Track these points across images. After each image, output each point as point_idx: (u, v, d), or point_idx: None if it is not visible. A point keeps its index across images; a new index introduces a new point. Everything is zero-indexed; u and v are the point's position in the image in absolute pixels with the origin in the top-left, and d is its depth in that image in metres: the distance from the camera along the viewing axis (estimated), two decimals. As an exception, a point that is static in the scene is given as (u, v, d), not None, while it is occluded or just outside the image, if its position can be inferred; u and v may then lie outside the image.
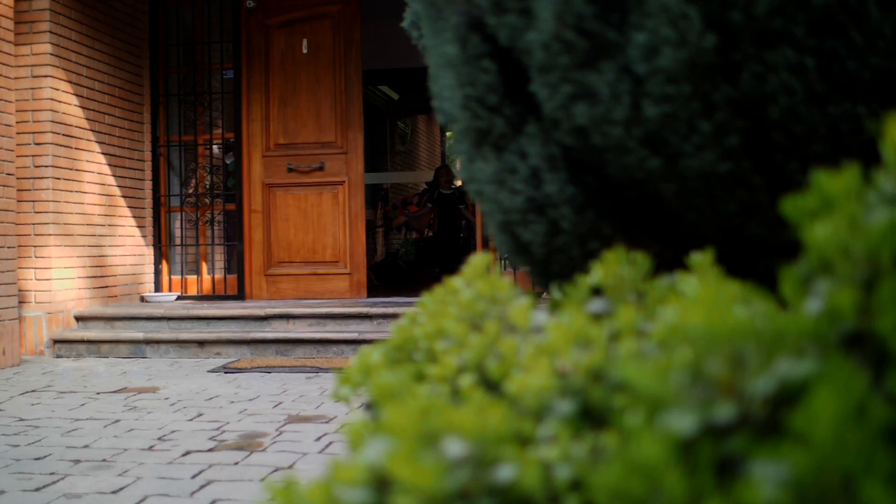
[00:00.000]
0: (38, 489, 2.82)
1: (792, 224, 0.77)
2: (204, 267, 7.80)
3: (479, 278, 1.31)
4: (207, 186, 7.86)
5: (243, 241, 7.59)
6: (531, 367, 1.00)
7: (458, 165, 21.21)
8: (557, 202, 1.35)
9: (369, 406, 1.46)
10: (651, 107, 1.12)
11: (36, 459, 3.24)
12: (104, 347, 6.28)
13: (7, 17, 5.96)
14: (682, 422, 0.66)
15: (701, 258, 1.08)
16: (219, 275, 7.81)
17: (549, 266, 1.48)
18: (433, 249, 10.95)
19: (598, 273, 1.21)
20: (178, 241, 7.93)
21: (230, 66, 7.77)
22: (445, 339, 1.23)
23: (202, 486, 2.80)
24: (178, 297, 7.61)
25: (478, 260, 1.39)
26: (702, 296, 0.68)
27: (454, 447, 0.79)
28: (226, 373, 5.37)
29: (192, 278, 7.80)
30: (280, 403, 4.30)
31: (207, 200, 7.82)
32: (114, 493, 2.76)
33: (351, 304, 6.56)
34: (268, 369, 5.42)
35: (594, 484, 0.67)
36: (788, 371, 0.67)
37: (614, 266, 1.18)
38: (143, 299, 7.55)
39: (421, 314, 1.39)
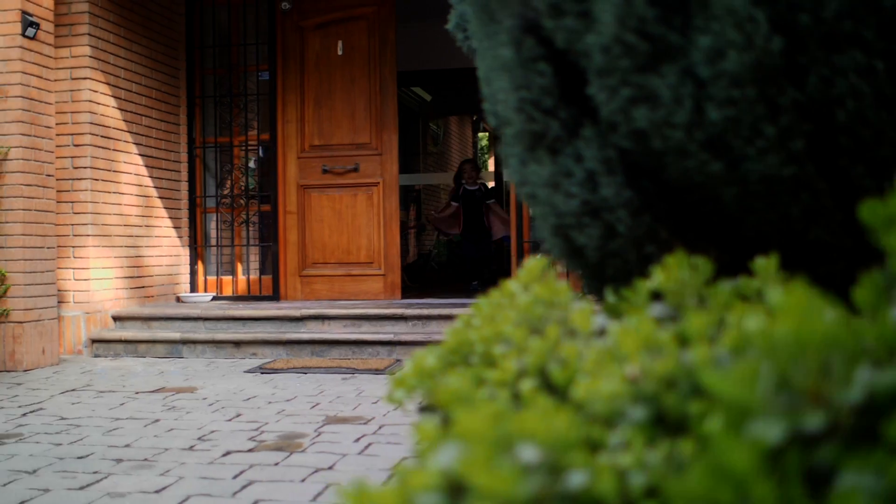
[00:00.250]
0: (81, 488, 2.85)
1: (868, 230, 0.76)
2: (239, 267, 7.85)
3: (536, 281, 1.30)
4: (243, 187, 7.91)
5: (278, 242, 7.63)
6: (597, 373, 1.00)
7: (490, 166, 21.18)
8: (613, 206, 1.35)
9: (423, 409, 1.46)
10: (714, 110, 1.11)
11: (78, 458, 3.27)
12: (141, 347, 6.34)
13: (47, 20, 6.03)
14: (771, 430, 0.65)
15: (766, 263, 1.07)
16: (253, 275, 7.85)
17: (602, 270, 1.47)
18: (461, 250, 10.51)
19: (658, 277, 1.20)
20: (213, 241, 7.98)
21: (265, 67, 7.81)
22: (503, 343, 1.22)
23: (244, 487, 2.82)
24: (214, 298, 7.66)
25: (533, 263, 1.38)
26: (789, 303, 0.67)
27: (528, 453, 0.79)
28: (262, 373, 5.40)
29: (227, 279, 7.85)
30: (317, 404, 4.32)
31: (242, 201, 7.87)
32: (157, 492, 2.78)
33: (385, 306, 6.57)
34: (304, 370, 5.44)
35: (673, 491, 0.66)
36: (877, 380, 0.66)
37: (675, 270, 1.17)
38: (178, 299, 7.61)
39: (475, 317, 1.38)
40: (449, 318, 6.12)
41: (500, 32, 1.45)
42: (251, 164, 8.01)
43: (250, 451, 3.34)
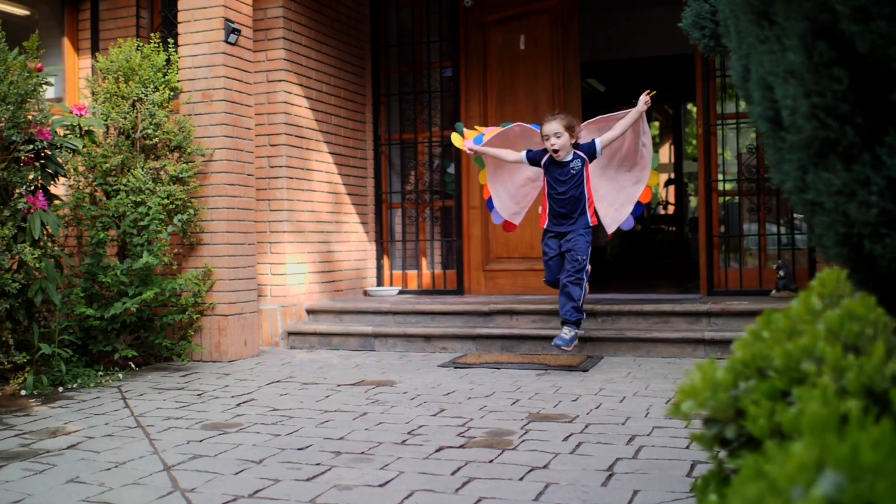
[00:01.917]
0: (308, 479, 2.95)
1: None
2: (423, 262, 7.98)
3: (837, 296, 1.24)
4: (427, 183, 8.03)
5: (462, 237, 7.71)
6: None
7: (662, 157, 20.69)
8: (918, 213, 1.27)
9: (708, 421, 1.41)
10: None
11: (299, 450, 3.39)
12: (335, 340, 6.54)
13: (247, 27, 6.29)
14: None
15: None
16: (436, 270, 7.96)
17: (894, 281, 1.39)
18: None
19: None
20: (397, 236, 8.14)
21: (448, 64, 7.90)
22: (810, 359, 1.17)
23: (464, 483, 2.85)
24: (400, 292, 7.82)
25: (827, 275, 1.32)
26: None
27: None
28: (455, 368, 5.46)
29: (411, 273, 7.99)
30: (517, 401, 4.33)
31: (426, 197, 7.99)
32: (381, 486, 2.84)
33: (572, 301, 6.51)
34: (496, 365, 5.47)
35: None
36: None
37: None
38: (366, 293, 7.80)
39: (765, 330, 1.33)
40: (639, 314, 6.02)
41: (781, 36, 1.39)
42: (434, 161, 8.12)
43: (462, 447, 3.38)
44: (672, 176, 16.74)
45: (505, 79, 7.69)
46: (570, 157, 5.46)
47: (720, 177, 7.12)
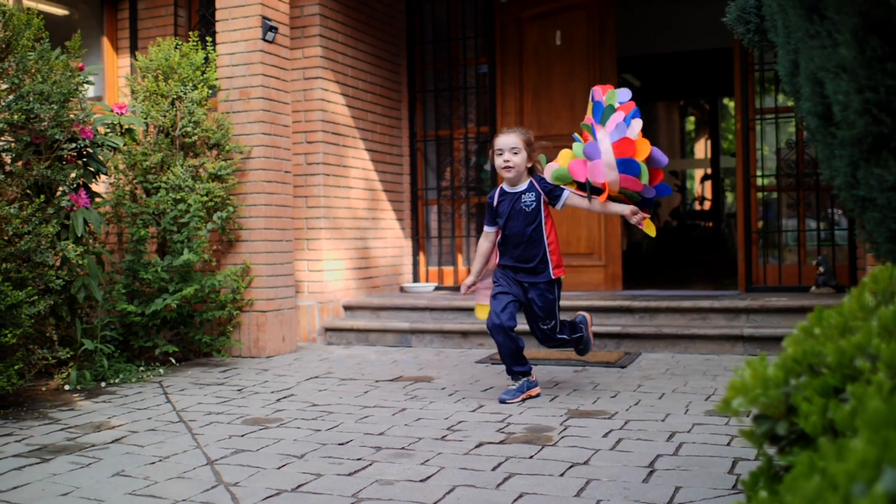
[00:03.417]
0: (350, 474, 2.97)
1: None
2: (459, 258, 7.98)
3: (890, 293, 1.23)
4: (462, 180, 8.03)
5: (497, 233, 7.69)
6: None
7: (698, 152, 20.53)
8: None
9: (758, 418, 1.41)
10: None
11: (339, 445, 3.41)
12: (372, 336, 6.56)
13: (284, 24, 6.33)
14: None
15: None
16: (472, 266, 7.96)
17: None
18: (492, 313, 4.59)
19: None
20: (433, 233, 8.15)
21: (484, 60, 7.90)
22: (865, 356, 1.16)
23: (505, 479, 2.85)
24: (436, 288, 7.84)
25: (879, 271, 1.31)
26: None
27: None
28: (492, 364, 5.46)
29: (447, 269, 8.00)
30: (556, 397, 4.32)
31: (462, 193, 7.99)
32: (422, 481, 2.86)
33: (609, 297, 6.50)
34: (533, 362, 5.45)
35: None
36: None
37: None
38: (401, 289, 7.83)
39: (814, 327, 1.33)
40: (677, 310, 5.99)
41: (833, 31, 1.38)
42: (470, 157, 8.12)
43: (501, 443, 3.38)
44: (709, 172, 16.61)
45: (541, 75, 7.67)
46: (523, 187, 4.33)
47: (758, 172, 7.06)
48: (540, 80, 7.66)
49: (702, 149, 20.59)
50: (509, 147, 4.33)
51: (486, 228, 4.52)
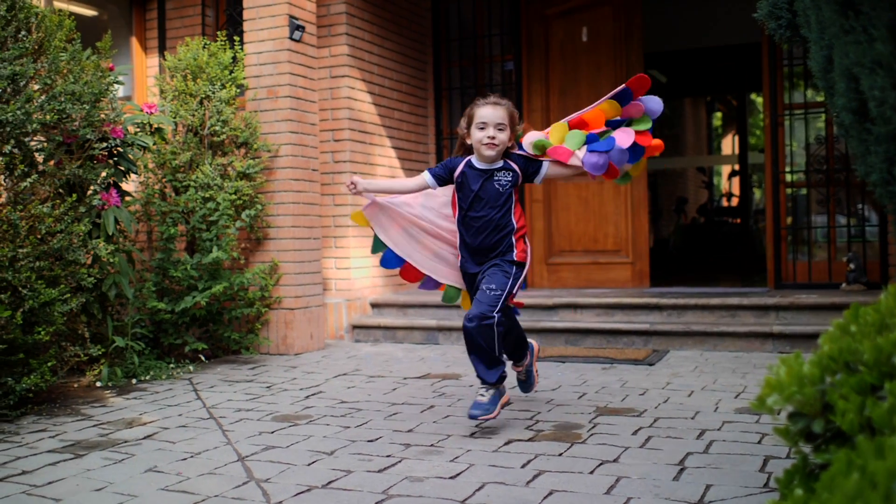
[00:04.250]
0: (380, 471, 2.98)
1: None
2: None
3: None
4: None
5: (524, 231, 7.68)
6: None
7: (725, 148, 20.40)
8: None
9: (793, 415, 1.40)
10: None
11: (369, 442, 3.43)
12: (399, 333, 6.58)
13: (311, 23, 6.36)
14: None
15: None
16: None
17: None
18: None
19: None
20: (460, 230, 8.14)
21: (510, 57, 7.89)
22: (903, 351, 1.16)
23: (535, 476, 2.85)
24: (462, 286, 7.83)
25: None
26: None
27: None
28: (520, 361, 5.46)
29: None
30: (584, 394, 4.32)
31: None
32: (451, 478, 2.86)
33: (637, 294, 6.48)
34: (561, 359, 5.46)
35: None
36: None
37: None
38: (428, 287, 7.82)
39: (850, 325, 1.32)
40: (705, 307, 5.96)
41: (868, 26, 1.37)
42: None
43: (530, 440, 3.38)
44: (737, 168, 16.50)
45: (567, 71, 7.65)
46: (498, 164, 3.77)
47: (787, 168, 7.01)
48: (566, 77, 7.65)
49: (729, 145, 20.46)
50: (496, 122, 3.70)
51: (426, 175, 3.91)
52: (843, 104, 1.53)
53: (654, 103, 3.91)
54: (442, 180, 3.89)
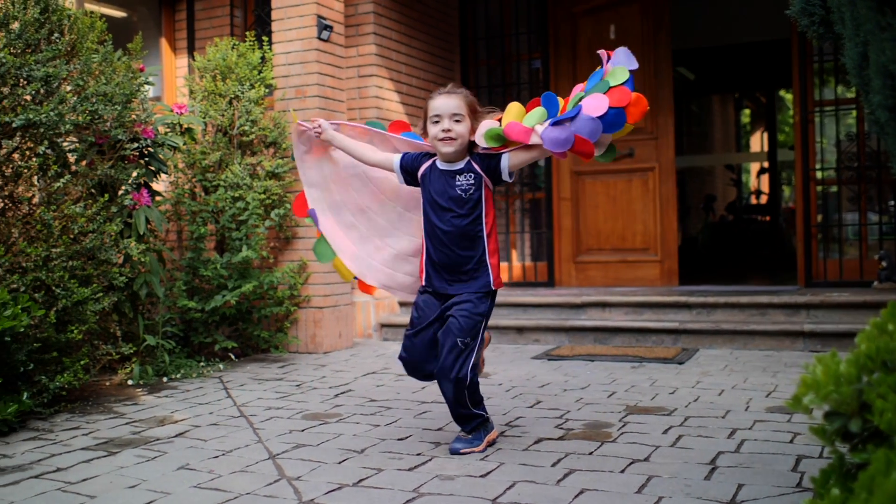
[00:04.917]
0: (410, 469, 2.99)
1: None
2: (514, 254, 7.98)
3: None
4: (516, 176, 8.00)
5: (552, 229, 7.68)
6: None
7: (755, 145, 20.23)
8: None
9: (829, 415, 1.40)
10: None
11: (399, 440, 3.44)
12: (427, 332, 6.58)
13: (339, 23, 6.38)
14: None
15: None
16: (527, 262, 7.95)
17: None
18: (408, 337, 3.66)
19: None
20: (487, 229, 8.14)
21: (537, 55, 7.87)
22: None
23: (565, 475, 2.85)
24: (490, 284, 7.82)
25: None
26: None
27: None
28: (549, 360, 5.46)
29: (502, 265, 7.99)
30: (613, 393, 4.31)
31: (517, 189, 7.98)
32: (482, 476, 2.87)
33: (665, 293, 6.45)
34: (590, 357, 5.45)
35: None
36: None
37: None
38: (456, 286, 7.83)
39: (888, 323, 1.31)
40: (735, 306, 5.92)
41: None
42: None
43: (560, 439, 3.38)
44: (766, 165, 16.38)
45: (595, 70, 7.60)
46: (460, 166, 3.31)
47: (818, 165, 6.94)
48: (594, 74, 7.61)
49: (757, 142, 20.30)
50: (450, 113, 3.27)
51: (396, 160, 3.45)
52: (879, 101, 1.52)
53: (623, 53, 3.37)
54: (408, 174, 3.43)
